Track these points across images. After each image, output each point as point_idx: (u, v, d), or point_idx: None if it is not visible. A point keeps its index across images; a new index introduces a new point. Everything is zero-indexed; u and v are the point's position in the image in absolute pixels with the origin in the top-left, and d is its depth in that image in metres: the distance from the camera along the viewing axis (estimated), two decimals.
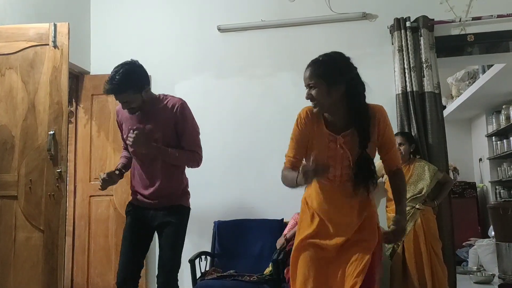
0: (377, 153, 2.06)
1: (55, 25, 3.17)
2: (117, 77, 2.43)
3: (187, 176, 2.76)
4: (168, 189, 2.59)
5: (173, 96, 2.64)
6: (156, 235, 2.68)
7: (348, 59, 1.96)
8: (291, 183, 1.92)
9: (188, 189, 2.75)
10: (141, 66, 2.56)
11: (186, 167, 2.71)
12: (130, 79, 2.45)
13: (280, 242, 3.47)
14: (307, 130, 2.00)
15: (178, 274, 2.58)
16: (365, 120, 1.91)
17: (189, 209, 2.71)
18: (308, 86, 1.93)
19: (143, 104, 2.54)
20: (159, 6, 4.30)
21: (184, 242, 3.57)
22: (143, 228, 2.61)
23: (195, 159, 2.63)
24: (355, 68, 1.95)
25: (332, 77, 1.88)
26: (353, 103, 1.92)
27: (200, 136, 4.18)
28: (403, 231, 2.01)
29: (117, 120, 2.74)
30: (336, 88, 1.89)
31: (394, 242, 1.85)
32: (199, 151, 2.63)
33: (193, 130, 2.63)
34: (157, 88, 4.11)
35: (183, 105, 2.58)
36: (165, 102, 2.59)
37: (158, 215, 2.58)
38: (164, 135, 2.55)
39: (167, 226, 2.56)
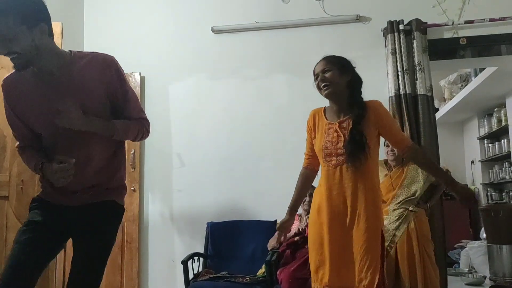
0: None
1: None
2: None
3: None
4: (99, 176, 1.87)
5: (97, 52, 1.87)
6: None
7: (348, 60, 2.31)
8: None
9: (125, 182, 2.00)
10: None
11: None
12: (12, 1, 1.62)
13: (272, 243, 3.47)
14: (312, 128, 2.33)
15: (171, 275, 2.41)
16: (359, 107, 2.18)
17: (123, 209, 1.97)
18: (322, 71, 2.21)
19: (41, 58, 1.72)
20: (153, 7, 4.29)
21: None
22: (53, 232, 1.82)
23: (146, 128, 1.98)
24: (353, 67, 2.30)
25: (342, 65, 2.23)
26: (353, 93, 2.22)
27: (194, 137, 4.20)
28: (470, 193, 2.12)
29: (5, 104, 1.86)
30: (344, 75, 2.21)
31: (471, 207, 2.12)
32: (146, 116, 2.00)
33: (134, 93, 1.95)
34: (150, 89, 4.15)
35: (116, 62, 1.87)
36: (85, 60, 1.81)
37: (78, 213, 1.84)
38: (91, 106, 1.79)
39: (90, 229, 1.81)
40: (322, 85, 2.20)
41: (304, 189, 2.42)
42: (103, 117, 1.83)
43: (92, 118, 1.76)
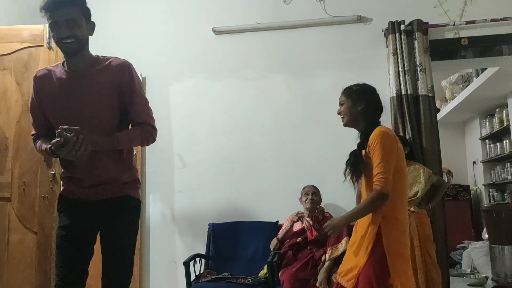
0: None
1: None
2: None
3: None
4: (111, 172, 2.03)
5: (117, 57, 2.11)
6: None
7: (368, 87, 2.47)
8: None
9: (138, 177, 2.21)
10: None
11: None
12: None
13: (273, 243, 3.47)
14: None
15: (173, 276, 2.47)
16: (364, 136, 2.32)
17: (139, 202, 2.17)
18: (340, 104, 2.45)
19: (84, 50, 2.00)
20: (154, 8, 4.29)
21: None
22: (84, 229, 2.04)
23: (151, 134, 2.13)
24: (372, 94, 2.44)
25: (356, 96, 2.39)
26: (367, 119, 2.37)
27: (195, 138, 4.19)
28: (333, 227, 2.24)
29: (33, 96, 2.08)
30: (358, 104, 2.37)
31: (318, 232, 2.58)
32: (152, 122, 2.12)
33: (142, 97, 2.11)
34: (151, 89, 4.15)
35: (131, 66, 2.09)
36: (103, 65, 2.04)
37: (99, 210, 2.02)
38: (101, 107, 2.00)
39: (111, 225, 2.02)
40: (340, 116, 2.46)
41: None
42: (110, 123, 2.01)
43: (96, 138, 1.90)
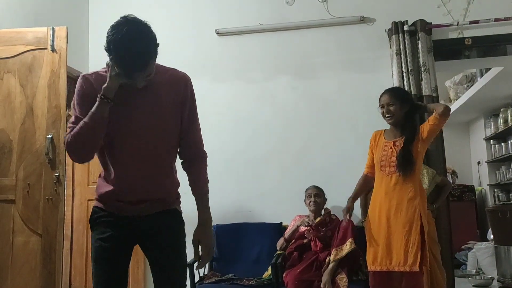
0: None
1: (53, 29, 3.17)
2: (136, 46, 1.77)
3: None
4: (164, 188, 1.98)
5: (175, 68, 2.02)
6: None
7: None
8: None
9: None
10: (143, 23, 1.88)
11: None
12: (150, 42, 1.85)
13: (280, 242, 3.47)
14: (374, 144, 2.99)
15: None
16: (411, 132, 2.83)
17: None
18: (387, 104, 2.86)
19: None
20: (157, 10, 4.29)
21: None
22: (124, 243, 1.86)
23: (206, 163, 2.14)
24: (412, 99, 3.05)
25: (403, 98, 2.89)
26: (407, 120, 2.87)
27: None
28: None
29: (86, 92, 1.82)
30: (404, 107, 2.86)
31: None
32: (203, 147, 2.10)
33: (198, 119, 2.01)
34: None
35: (191, 82, 1.97)
36: (166, 75, 1.94)
37: (145, 222, 1.88)
38: (167, 121, 1.87)
39: (162, 237, 1.90)
40: (386, 115, 2.87)
41: (364, 188, 3.10)
42: (176, 131, 1.90)
43: (206, 219, 2.12)
